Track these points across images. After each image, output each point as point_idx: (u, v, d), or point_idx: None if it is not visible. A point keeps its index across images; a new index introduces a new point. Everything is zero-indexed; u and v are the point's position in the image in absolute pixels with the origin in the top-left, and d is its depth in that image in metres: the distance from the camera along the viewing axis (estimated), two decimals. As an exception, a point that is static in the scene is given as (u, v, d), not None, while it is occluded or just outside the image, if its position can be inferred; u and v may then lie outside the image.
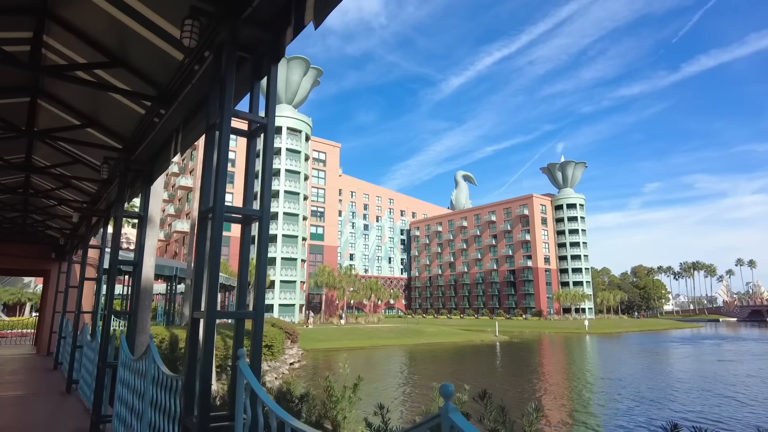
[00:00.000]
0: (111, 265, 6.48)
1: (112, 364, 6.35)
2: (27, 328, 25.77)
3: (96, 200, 9.89)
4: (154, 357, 4.60)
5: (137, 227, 6.91)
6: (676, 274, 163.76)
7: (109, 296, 6.45)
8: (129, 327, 6.30)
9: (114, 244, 6.79)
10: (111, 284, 6.45)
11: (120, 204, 6.78)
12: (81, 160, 8.23)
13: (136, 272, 6.75)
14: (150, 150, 6.45)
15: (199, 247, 3.59)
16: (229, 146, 3.55)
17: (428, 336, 51.01)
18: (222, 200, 3.35)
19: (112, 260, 6.50)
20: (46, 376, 11.45)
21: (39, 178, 10.35)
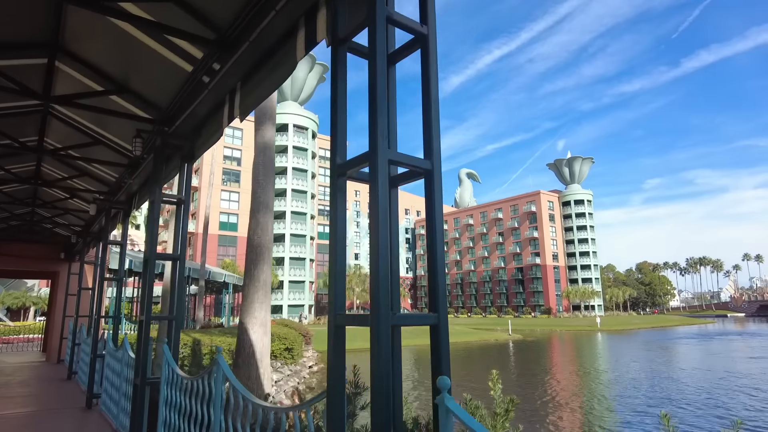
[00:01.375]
0: (148, 259, 5.34)
1: (151, 381, 5.22)
2: (33, 333, 24.68)
3: (116, 190, 8.74)
4: (227, 376, 3.46)
5: (176, 213, 5.78)
6: (683, 269, 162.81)
7: (146, 297, 5.31)
8: (173, 335, 5.17)
9: (152, 233, 5.64)
10: (149, 281, 5.31)
11: (157, 185, 5.63)
12: (102, 140, 7.09)
13: (176, 268, 5.63)
14: (194, 119, 5.31)
15: (338, 222, 2.53)
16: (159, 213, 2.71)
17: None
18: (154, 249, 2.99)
19: (150, 252, 5.35)
20: (61, 388, 10.32)
21: (50, 167, 9.21)
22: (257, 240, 7.98)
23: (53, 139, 7.82)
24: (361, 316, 2.20)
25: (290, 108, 61.91)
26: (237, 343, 7.39)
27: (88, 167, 8.58)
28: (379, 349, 2.03)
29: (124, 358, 6.77)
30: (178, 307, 5.50)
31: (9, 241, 14.87)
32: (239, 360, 7.27)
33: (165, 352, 4.96)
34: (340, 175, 2.42)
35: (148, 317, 5.18)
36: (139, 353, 5.30)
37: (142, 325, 5.32)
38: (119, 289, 8.75)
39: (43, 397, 9.29)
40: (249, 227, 8.19)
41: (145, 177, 7.67)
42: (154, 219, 5.54)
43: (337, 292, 2.39)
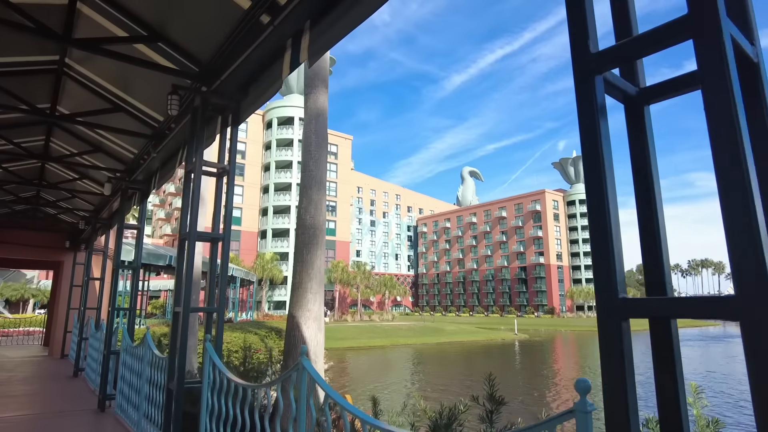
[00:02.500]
0: (187, 235, 4.45)
1: (192, 384, 4.34)
2: (33, 326, 23.78)
3: (134, 168, 7.84)
4: (323, 386, 2.58)
5: (217, 186, 4.89)
6: (684, 271, 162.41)
7: (185, 284, 4.41)
8: (217, 330, 4.29)
9: (193, 207, 4.74)
10: (188, 264, 4.42)
11: (196, 150, 4.73)
12: (124, 106, 6.19)
13: (216, 250, 4.77)
14: (243, 74, 4.40)
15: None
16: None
17: (448, 334, 49.07)
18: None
19: (190, 230, 4.46)
20: (68, 386, 9.42)
21: (61, 142, 8.30)
22: (310, 220, 6.96)
23: (67, 106, 6.91)
24: None
25: (296, 101, 60.85)
26: (286, 341, 6.35)
27: (103, 142, 7.68)
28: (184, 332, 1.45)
29: (146, 356, 5.88)
30: (220, 297, 4.60)
31: (11, 228, 13.96)
32: (289, 362, 6.22)
33: (209, 350, 4.08)
34: (593, 71, 1.42)
35: (187, 309, 4.27)
36: (175, 352, 4.41)
37: (178, 318, 4.43)
38: (135, 279, 7.84)
39: (49, 397, 8.39)
40: (300, 206, 7.16)
41: (170, 152, 6.79)
42: (193, 193, 4.65)
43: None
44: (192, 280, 4.37)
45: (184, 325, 4.26)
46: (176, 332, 4.48)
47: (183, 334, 4.25)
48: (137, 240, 8.11)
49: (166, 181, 7.55)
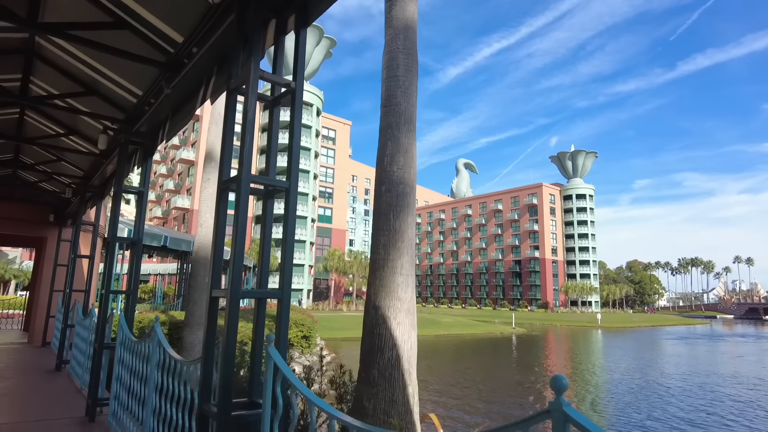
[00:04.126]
0: (236, 181, 2.97)
1: (245, 412, 2.85)
2: (13, 309, 22.01)
3: (136, 116, 6.22)
4: None
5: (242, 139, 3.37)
6: (674, 269, 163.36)
7: (235, 259, 2.92)
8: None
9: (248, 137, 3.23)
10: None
11: (253, 51, 3.20)
12: (129, 21, 4.58)
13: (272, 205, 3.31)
14: None
15: (219, 221, 3.08)
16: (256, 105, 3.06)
17: (445, 327, 47.89)
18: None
19: (245, 166, 2.98)
20: (49, 383, 7.84)
21: (42, 81, 6.65)
22: (398, 173, 4.94)
23: (52, 15, 5.27)
24: None
25: (294, 83, 58.56)
26: (365, 342, 4.71)
27: (98, 81, 6.04)
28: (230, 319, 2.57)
29: (154, 355, 4.38)
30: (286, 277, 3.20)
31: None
32: (372, 372, 4.56)
33: (274, 358, 2.58)
34: (225, 189, 2.98)
35: (237, 292, 2.79)
36: (212, 358, 2.92)
37: (215, 307, 2.93)
38: (136, 256, 6.25)
39: (25, 398, 6.80)
40: (382, 153, 5.21)
41: (188, 87, 5.21)
42: (247, 117, 3.15)
43: (214, 273, 2.87)
44: (244, 246, 2.88)
45: (233, 317, 2.74)
46: (212, 327, 2.98)
47: (231, 330, 2.75)
48: (139, 208, 6.51)
49: (177, 132, 5.96)
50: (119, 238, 6.08)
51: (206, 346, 2.94)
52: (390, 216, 5.02)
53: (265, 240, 3.19)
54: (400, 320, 4.55)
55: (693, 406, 17.61)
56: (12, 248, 53.81)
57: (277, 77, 3.24)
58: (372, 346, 4.56)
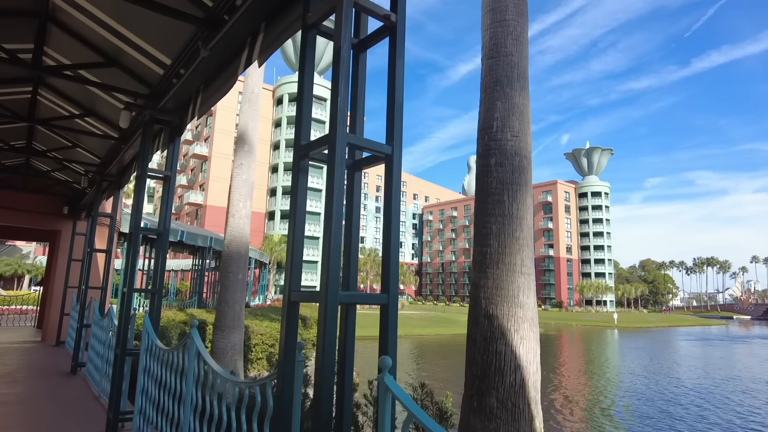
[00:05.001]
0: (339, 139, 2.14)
1: None
2: (27, 305, 21.55)
3: (162, 91, 5.46)
4: None
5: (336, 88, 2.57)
6: (689, 269, 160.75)
7: (351, 241, 2.11)
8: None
9: (305, 109, 2.46)
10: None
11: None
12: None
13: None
14: None
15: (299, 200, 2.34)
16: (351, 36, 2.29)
17: (461, 325, 46.93)
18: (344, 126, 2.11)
19: (340, 142, 2.16)
20: (64, 389, 7.13)
21: (57, 53, 5.92)
22: (512, 143, 3.91)
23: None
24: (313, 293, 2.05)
25: (308, 77, 57.74)
26: (475, 360, 3.66)
27: (121, 50, 5.28)
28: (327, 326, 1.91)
29: (191, 368, 3.63)
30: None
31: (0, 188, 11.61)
32: (489, 401, 3.48)
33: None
34: (302, 156, 2.36)
35: (335, 290, 1.98)
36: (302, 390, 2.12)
37: (294, 311, 2.13)
38: (161, 248, 5.48)
39: (38, 407, 6.08)
40: (488, 118, 4.12)
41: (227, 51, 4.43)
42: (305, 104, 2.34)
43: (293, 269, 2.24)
44: (341, 234, 2.10)
45: (330, 329, 1.94)
46: (291, 340, 2.23)
47: (329, 346, 1.94)
48: (165, 194, 5.75)
49: (209, 108, 5.19)
50: (144, 229, 5.32)
51: (285, 363, 2.16)
52: (504, 197, 3.91)
53: (353, 226, 2.40)
54: (523, 334, 3.57)
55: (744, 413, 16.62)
56: (26, 243, 53.81)
57: (373, 4, 2.42)
58: (487, 368, 3.56)
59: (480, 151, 4.09)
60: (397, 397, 1.77)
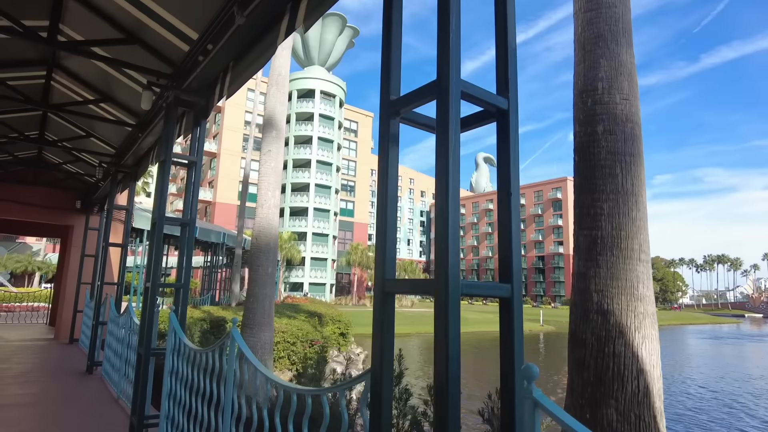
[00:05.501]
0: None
1: None
2: (39, 302, 21.35)
3: (186, 70, 5.04)
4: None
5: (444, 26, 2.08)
6: (699, 266, 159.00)
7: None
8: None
9: (393, 54, 1.98)
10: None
11: None
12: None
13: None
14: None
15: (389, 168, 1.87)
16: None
17: (472, 324, 46.54)
18: (457, 69, 1.65)
19: (454, 88, 1.67)
20: (82, 390, 6.76)
21: (72, 29, 5.52)
22: (621, 107, 3.45)
23: None
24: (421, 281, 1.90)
25: (317, 72, 57.44)
26: (585, 362, 3.28)
27: (144, 25, 4.87)
28: (447, 322, 1.49)
29: (230, 372, 3.22)
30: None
31: (8, 181, 11.27)
32: (607, 411, 3.00)
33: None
34: (392, 114, 1.87)
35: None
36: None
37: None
38: (190, 241, 5.06)
39: (58, 410, 5.70)
40: (590, 78, 3.72)
41: (243, 44, 4.04)
42: None
43: (387, 255, 1.84)
44: (458, 209, 1.64)
45: (453, 327, 1.49)
46: (388, 339, 1.84)
47: (454, 347, 1.48)
48: (188, 181, 5.34)
49: (239, 87, 4.75)
50: (169, 218, 4.91)
51: (382, 368, 1.74)
52: (617, 170, 3.38)
53: (450, 207, 1.93)
54: (645, 332, 3.02)
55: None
56: (36, 240, 53.88)
57: None
58: (602, 373, 3.08)
59: (581, 118, 3.59)
60: (554, 415, 1.32)
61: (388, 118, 1.85)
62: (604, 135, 3.32)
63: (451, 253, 1.49)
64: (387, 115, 1.86)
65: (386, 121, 1.86)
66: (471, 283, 1.60)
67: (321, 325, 16.31)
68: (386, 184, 1.81)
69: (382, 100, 1.90)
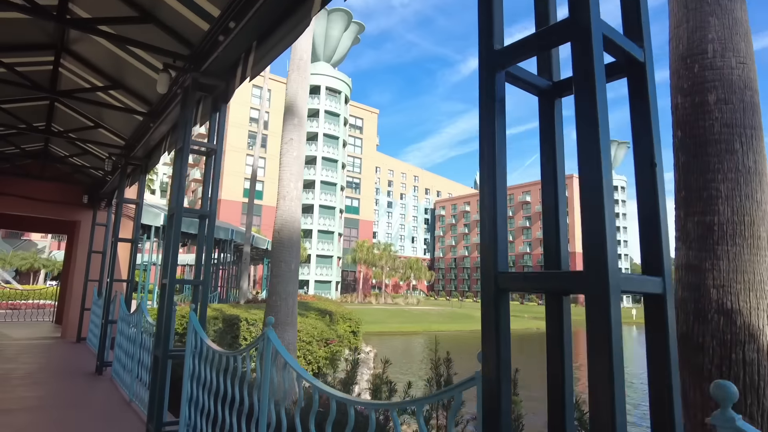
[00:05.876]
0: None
1: None
2: (45, 299, 21.09)
3: (204, 52, 4.68)
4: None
5: None
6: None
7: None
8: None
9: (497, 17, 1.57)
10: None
11: None
12: None
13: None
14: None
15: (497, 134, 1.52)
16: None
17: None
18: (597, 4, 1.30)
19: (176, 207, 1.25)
20: (92, 393, 6.43)
21: (81, 8, 5.17)
22: (737, 73, 3.09)
23: None
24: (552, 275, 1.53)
25: (322, 68, 57.01)
26: (706, 371, 2.67)
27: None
28: (609, 329, 1.12)
29: (265, 381, 2.87)
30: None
31: (14, 175, 10.96)
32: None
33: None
34: (496, 67, 1.49)
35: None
36: None
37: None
38: (210, 234, 4.71)
39: (67, 414, 5.36)
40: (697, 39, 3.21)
41: (270, 20, 3.68)
42: None
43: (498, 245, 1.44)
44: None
45: (616, 330, 1.11)
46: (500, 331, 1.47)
47: (617, 359, 1.10)
48: (207, 171, 4.99)
49: (264, 68, 4.40)
50: (188, 210, 4.56)
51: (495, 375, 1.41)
52: (736, 145, 2.92)
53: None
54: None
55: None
56: (42, 237, 53.77)
57: None
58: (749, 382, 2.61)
59: (685, 87, 3.16)
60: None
61: (491, 73, 1.48)
62: (718, 105, 2.89)
63: (609, 239, 1.12)
64: (490, 68, 1.49)
65: (489, 76, 1.49)
66: (629, 277, 1.23)
67: (332, 323, 15.97)
68: (493, 157, 1.44)
69: (482, 52, 1.53)
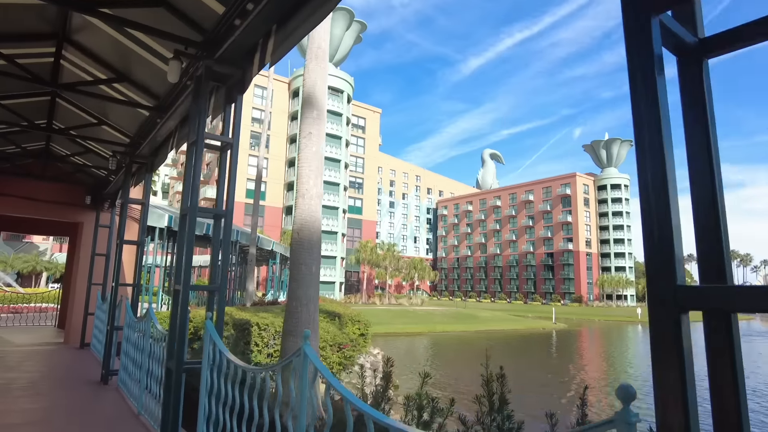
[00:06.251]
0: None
1: None
2: (47, 302, 20.74)
3: (220, 36, 4.31)
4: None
5: None
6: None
7: None
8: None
9: None
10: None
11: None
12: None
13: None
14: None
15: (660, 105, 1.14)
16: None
17: (484, 322, 45.73)
18: None
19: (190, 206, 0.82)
20: (98, 405, 6.06)
21: (76, 51, 4.77)
22: None
23: None
24: None
25: (324, 69, 56.60)
26: None
27: None
28: None
29: (302, 395, 2.48)
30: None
31: (14, 174, 10.60)
32: None
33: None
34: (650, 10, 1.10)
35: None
36: None
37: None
38: (227, 235, 4.34)
39: (72, 428, 4.98)
40: None
41: (281, 11, 3.30)
42: None
43: (675, 253, 1.09)
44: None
45: None
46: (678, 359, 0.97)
47: None
48: (221, 168, 4.63)
49: (284, 54, 4.02)
50: (203, 210, 4.19)
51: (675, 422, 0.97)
52: None
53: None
54: None
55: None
56: (43, 239, 53.45)
57: None
58: None
59: None
60: None
61: (647, 17, 1.09)
62: None
63: None
64: (646, 12, 1.09)
65: (645, 23, 1.09)
66: None
67: (342, 327, 15.61)
68: (660, 139, 1.06)
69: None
